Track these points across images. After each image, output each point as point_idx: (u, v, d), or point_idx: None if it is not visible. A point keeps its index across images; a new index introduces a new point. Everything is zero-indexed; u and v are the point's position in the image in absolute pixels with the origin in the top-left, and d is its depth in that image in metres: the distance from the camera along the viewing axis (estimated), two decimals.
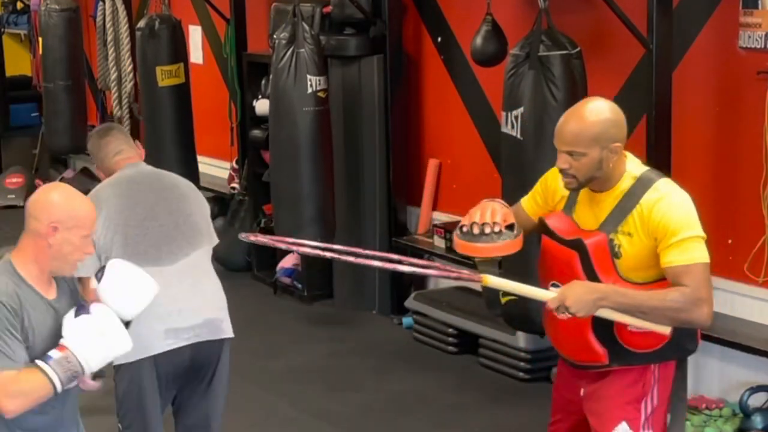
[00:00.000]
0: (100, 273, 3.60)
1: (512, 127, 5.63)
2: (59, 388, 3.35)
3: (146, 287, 3.72)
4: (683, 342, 3.83)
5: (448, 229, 7.19)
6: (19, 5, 12.11)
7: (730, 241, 5.86)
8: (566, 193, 3.85)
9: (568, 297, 3.61)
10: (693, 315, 3.68)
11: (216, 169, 9.57)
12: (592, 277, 3.70)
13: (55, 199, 3.46)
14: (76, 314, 3.46)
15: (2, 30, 12.02)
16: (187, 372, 4.46)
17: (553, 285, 3.78)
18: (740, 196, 5.79)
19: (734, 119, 5.80)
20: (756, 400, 5.68)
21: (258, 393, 6.47)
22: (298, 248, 4.01)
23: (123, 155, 4.58)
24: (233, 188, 9.09)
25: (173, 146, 8.19)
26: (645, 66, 5.82)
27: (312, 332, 7.50)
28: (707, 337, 5.78)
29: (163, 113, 8.30)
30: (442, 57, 7.51)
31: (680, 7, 5.83)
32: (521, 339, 6.40)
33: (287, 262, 8.27)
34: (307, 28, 6.98)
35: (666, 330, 3.72)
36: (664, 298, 3.64)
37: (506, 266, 3.88)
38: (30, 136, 11.88)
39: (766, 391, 5.69)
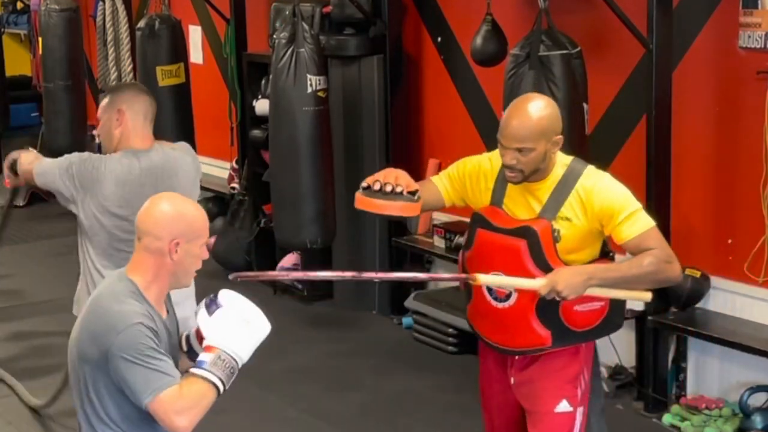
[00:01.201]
0: (212, 305, 3.40)
1: None
2: (222, 389, 3.26)
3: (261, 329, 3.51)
4: (614, 318, 4.05)
5: (448, 230, 7.19)
6: (19, 5, 12.11)
7: (730, 241, 5.86)
8: (492, 185, 4.02)
9: (558, 282, 3.79)
10: (668, 272, 3.90)
11: (216, 169, 9.57)
12: (541, 262, 3.87)
13: (170, 213, 3.31)
14: (209, 311, 3.35)
15: (2, 30, 12.02)
16: None
17: (494, 274, 3.95)
18: (740, 196, 5.79)
19: (734, 119, 5.80)
20: (756, 400, 5.68)
21: (258, 393, 6.46)
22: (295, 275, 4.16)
23: (139, 130, 4.52)
24: (233, 188, 9.08)
25: None
26: (645, 66, 5.82)
27: (312, 332, 7.50)
28: (707, 337, 5.79)
29: (163, 113, 8.24)
30: (442, 57, 7.51)
31: (680, 7, 5.83)
32: None
33: (287, 262, 8.26)
34: (306, 27, 6.97)
35: (647, 296, 3.98)
36: (641, 264, 3.86)
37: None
38: (30, 136, 11.87)
39: (766, 391, 5.69)
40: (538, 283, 3.82)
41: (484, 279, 3.91)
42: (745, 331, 5.70)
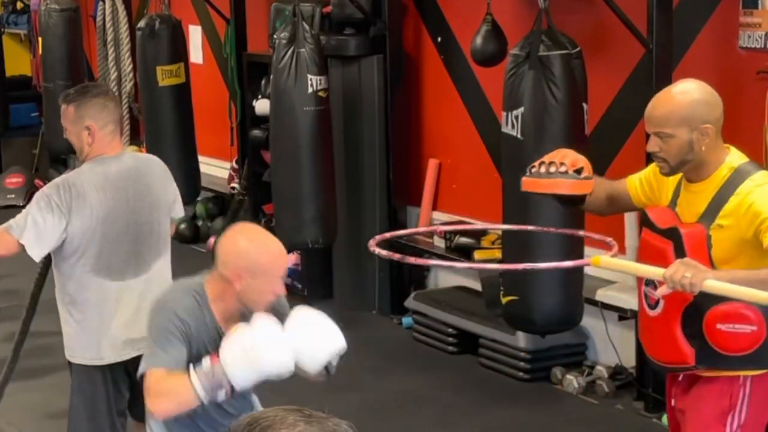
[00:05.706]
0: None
1: (512, 127, 5.63)
2: (203, 397, 3.32)
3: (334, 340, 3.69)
4: None
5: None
6: (19, 5, 12.10)
7: None
8: (674, 187, 3.79)
9: (681, 265, 3.44)
10: None
11: (216, 169, 9.57)
12: None
13: (242, 246, 3.46)
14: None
15: (2, 30, 12.02)
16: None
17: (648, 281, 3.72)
18: None
19: (734, 119, 5.79)
20: None
21: (258, 393, 6.45)
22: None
23: (108, 140, 4.53)
24: (233, 188, 9.09)
25: (173, 146, 8.19)
26: (645, 66, 5.82)
27: None
28: None
29: (164, 113, 8.29)
30: (442, 57, 7.51)
31: (680, 7, 5.84)
32: (521, 339, 6.40)
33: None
34: (307, 27, 6.98)
35: None
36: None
37: None
38: (30, 136, 11.87)
39: None
40: (661, 272, 3.46)
41: (606, 261, 3.63)
42: None
